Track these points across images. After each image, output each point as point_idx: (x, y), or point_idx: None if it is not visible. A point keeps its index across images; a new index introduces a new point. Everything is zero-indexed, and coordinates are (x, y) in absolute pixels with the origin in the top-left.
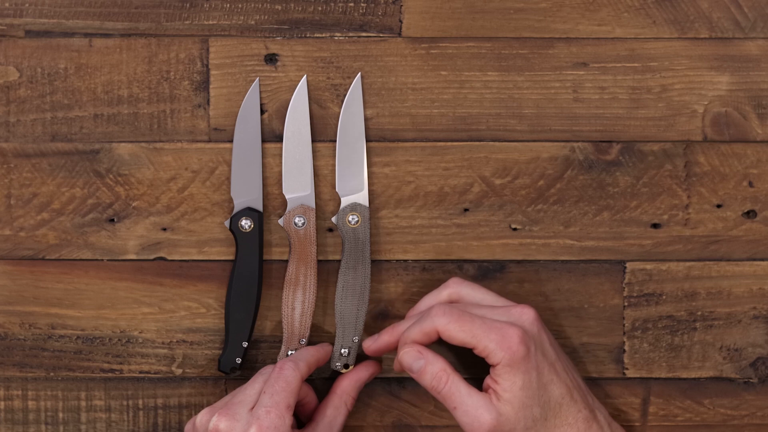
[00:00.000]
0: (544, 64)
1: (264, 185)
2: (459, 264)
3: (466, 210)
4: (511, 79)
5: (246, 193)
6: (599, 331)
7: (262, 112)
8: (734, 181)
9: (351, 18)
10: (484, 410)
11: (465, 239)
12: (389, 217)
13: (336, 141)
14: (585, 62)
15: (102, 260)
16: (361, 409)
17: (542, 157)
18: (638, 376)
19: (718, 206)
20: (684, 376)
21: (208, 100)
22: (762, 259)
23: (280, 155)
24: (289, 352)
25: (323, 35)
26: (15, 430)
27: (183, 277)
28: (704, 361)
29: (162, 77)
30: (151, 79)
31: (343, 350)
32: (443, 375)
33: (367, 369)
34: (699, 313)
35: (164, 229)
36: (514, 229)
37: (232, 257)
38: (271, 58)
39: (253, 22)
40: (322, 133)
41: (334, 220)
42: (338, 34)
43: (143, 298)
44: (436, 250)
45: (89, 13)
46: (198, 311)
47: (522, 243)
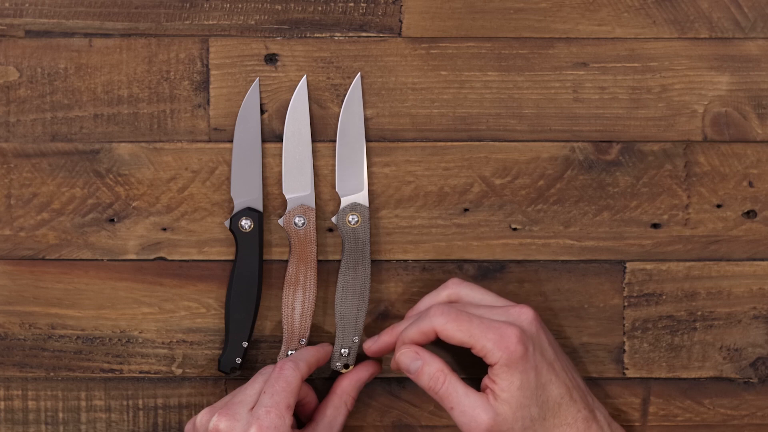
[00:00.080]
0: (544, 64)
1: (264, 185)
2: (459, 264)
3: (466, 210)
4: (511, 79)
5: (246, 193)
6: (599, 331)
7: (262, 112)
8: (734, 181)
9: (351, 18)
10: (481, 410)
11: (465, 239)
12: (389, 217)
13: (336, 141)
14: (585, 62)
15: (102, 260)
16: (361, 409)
17: (542, 157)
18: (638, 376)
19: (718, 206)
20: (684, 376)
21: (208, 100)
22: (762, 259)
23: (280, 155)
24: (289, 352)
25: (323, 35)
26: (15, 430)
27: (183, 277)
28: (704, 361)
29: (162, 77)
30: (151, 79)
31: (343, 350)
32: (440, 375)
33: (367, 369)
34: (699, 313)
35: (164, 229)
36: (514, 229)
37: (232, 257)
38: (271, 58)
39: (253, 22)
40: (322, 133)
41: (334, 220)
42: (338, 34)
43: (143, 298)
44: (436, 250)
45: (89, 13)
46: (198, 311)
47: (522, 243)
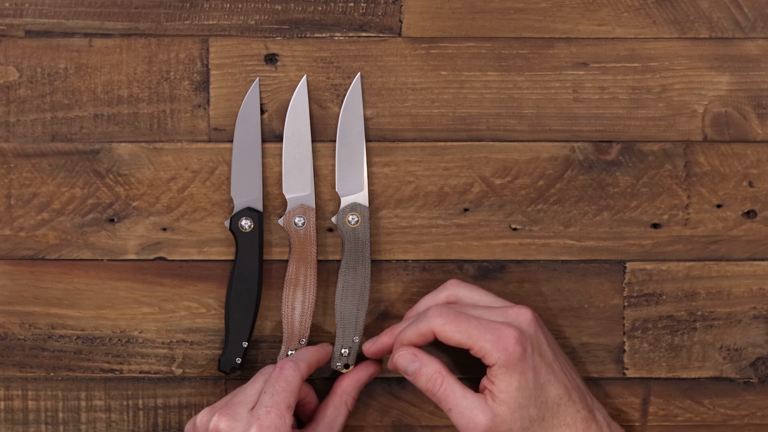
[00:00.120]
0: (544, 64)
1: (264, 185)
2: (459, 264)
3: (466, 210)
4: (511, 79)
5: (246, 193)
6: (599, 331)
7: (262, 112)
8: (734, 181)
9: (351, 18)
10: (479, 411)
11: (465, 239)
12: (389, 217)
13: (336, 141)
14: (585, 62)
15: (102, 260)
16: (361, 409)
17: (542, 157)
18: (638, 376)
19: (718, 206)
20: (684, 376)
21: (208, 100)
22: (762, 259)
23: (280, 155)
24: (289, 352)
25: (323, 35)
26: (15, 430)
27: (183, 277)
28: (704, 361)
29: (162, 77)
30: (151, 79)
31: (343, 350)
32: (438, 377)
33: (368, 369)
34: (699, 313)
35: (164, 229)
36: (514, 229)
37: (232, 257)
38: (271, 58)
39: (253, 22)
40: (322, 133)
41: (334, 220)
42: (338, 34)
43: (143, 298)
44: (436, 250)
45: (89, 13)
46: (198, 311)
47: (522, 243)
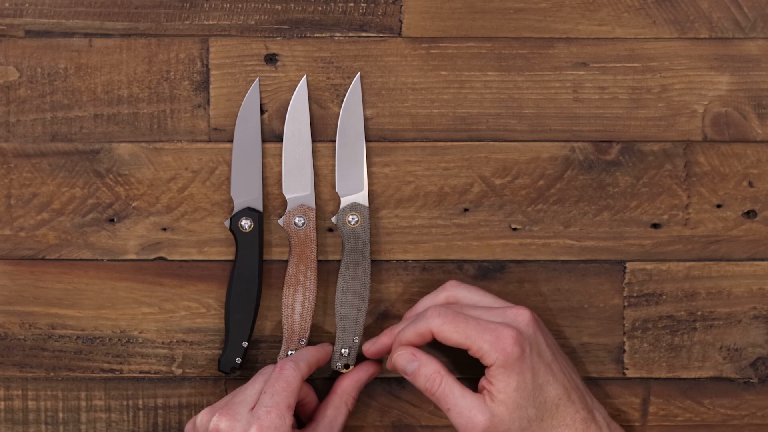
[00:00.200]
0: (544, 64)
1: (264, 185)
2: (459, 264)
3: (466, 210)
4: (511, 79)
5: (246, 193)
6: (599, 331)
7: (262, 112)
8: (734, 181)
9: (351, 18)
10: (478, 411)
11: (465, 239)
12: (389, 217)
13: (336, 141)
14: (585, 62)
15: (102, 260)
16: (361, 409)
17: (542, 157)
18: (638, 376)
19: (718, 206)
20: (684, 376)
21: (208, 100)
22: (762, 259)
23: (280, 155)
24: (289, 352)
25: (323, 35)
26: (15, 430)
27: (183, 277)
28: (704, 361)
29: (162, 77)
30: (151, 79)
31: (343, 350)
32: (437, 377)
33: (368, 369)
34: (699, 313)
35: (164, 229)
36: (514, 229)
37: (232, 257)
38: (271, 58)
39: (253, 22)
40: (322, 133)
41: (334, 220)
42: (338, 34)
43: (143, 298)
44: (436, 250)
45: (89, 13)
46: (198, 311)
47: (522, 243)
